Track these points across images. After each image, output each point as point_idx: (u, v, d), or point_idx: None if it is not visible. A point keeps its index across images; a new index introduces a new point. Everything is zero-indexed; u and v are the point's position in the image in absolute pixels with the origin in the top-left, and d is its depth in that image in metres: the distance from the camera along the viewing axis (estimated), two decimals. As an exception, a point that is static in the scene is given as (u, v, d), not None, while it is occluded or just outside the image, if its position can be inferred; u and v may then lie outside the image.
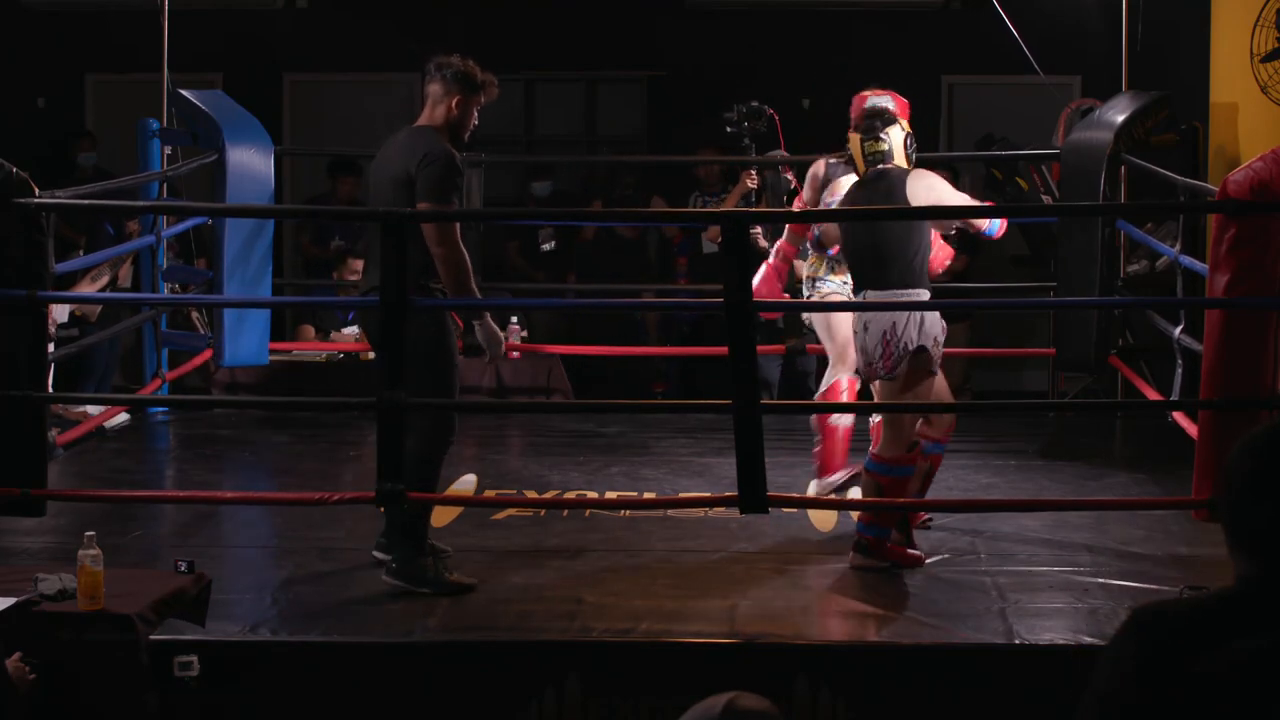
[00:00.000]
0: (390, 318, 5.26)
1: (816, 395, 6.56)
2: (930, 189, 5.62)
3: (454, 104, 5.28)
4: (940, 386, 5.63)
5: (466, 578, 5.16)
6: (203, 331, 8.18)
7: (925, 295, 5.50)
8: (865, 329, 5.49)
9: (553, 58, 10.89)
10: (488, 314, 5.36)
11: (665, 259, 10.09)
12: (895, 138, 5.70)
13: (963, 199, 5.95)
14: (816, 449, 6.45)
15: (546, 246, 9.68)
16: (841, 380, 6.37)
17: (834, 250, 6.28)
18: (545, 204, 9.79)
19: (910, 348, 5.41)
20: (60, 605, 4.21)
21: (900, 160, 5.67)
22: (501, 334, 5.43)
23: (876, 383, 5.56)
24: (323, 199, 10.03)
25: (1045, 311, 9.27)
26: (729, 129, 7.57)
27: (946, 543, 5.71)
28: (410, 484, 5.14)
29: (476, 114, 5.36)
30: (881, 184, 5.63)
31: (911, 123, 5.89)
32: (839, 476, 6.41)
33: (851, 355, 6.04)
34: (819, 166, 6.53)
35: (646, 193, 9.90)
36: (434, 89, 5.32)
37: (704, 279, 8.78)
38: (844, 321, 6.18)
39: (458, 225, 5.24)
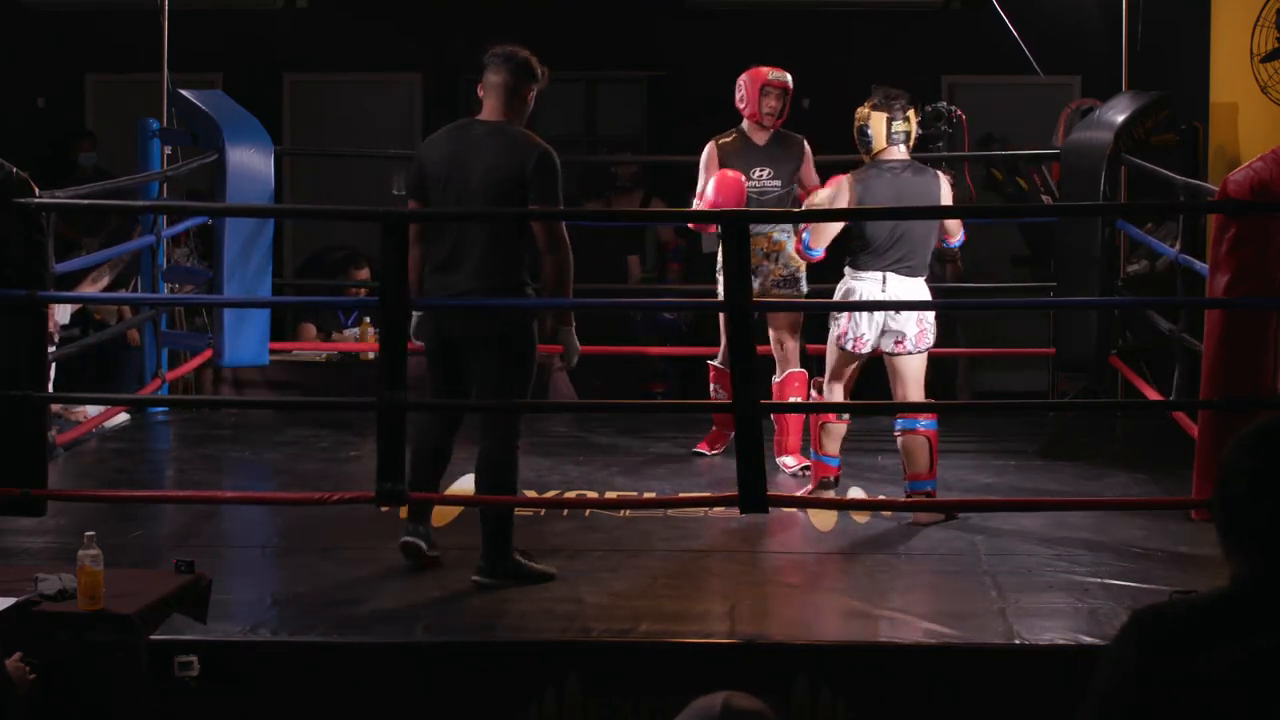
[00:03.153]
0: (391, 317, 5.26)
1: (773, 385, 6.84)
2: (949, 186, 6.14)
3: (530, 95, 5.28)
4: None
5: (548, 567, 5.23)
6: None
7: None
8: (890, 313, 5.97)
9: (553, 58, 10.85)
10: (573, 324, 5.33)
11: (661, 261, 10.11)
12: (912, 119, 6.13)
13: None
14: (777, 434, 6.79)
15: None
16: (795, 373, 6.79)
17: (821, 254, 6.32)
18: None
19: (935, 328, 6.05)
20: (60, 605, 4.21)
21: (910, 146, 6.12)
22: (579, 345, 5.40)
23: (897, 359, 6.03)
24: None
25: (1045, 311, 9.27)
26: (919, 131, 7.65)
27: (946, 543, 5.71)
28: (500, 487, 5.22)
29: None
30: (922, 174, 6.09)
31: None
32: (796, 462, 6.74)
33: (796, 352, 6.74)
34: (844, 184, 6.50)
35: (644, 191, 9.87)
36: (503, 79, 5.22)
37: (702, 280, 8.79)
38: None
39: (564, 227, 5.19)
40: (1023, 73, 8.47)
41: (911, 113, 6.14)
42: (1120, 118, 7.65)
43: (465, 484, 6.56)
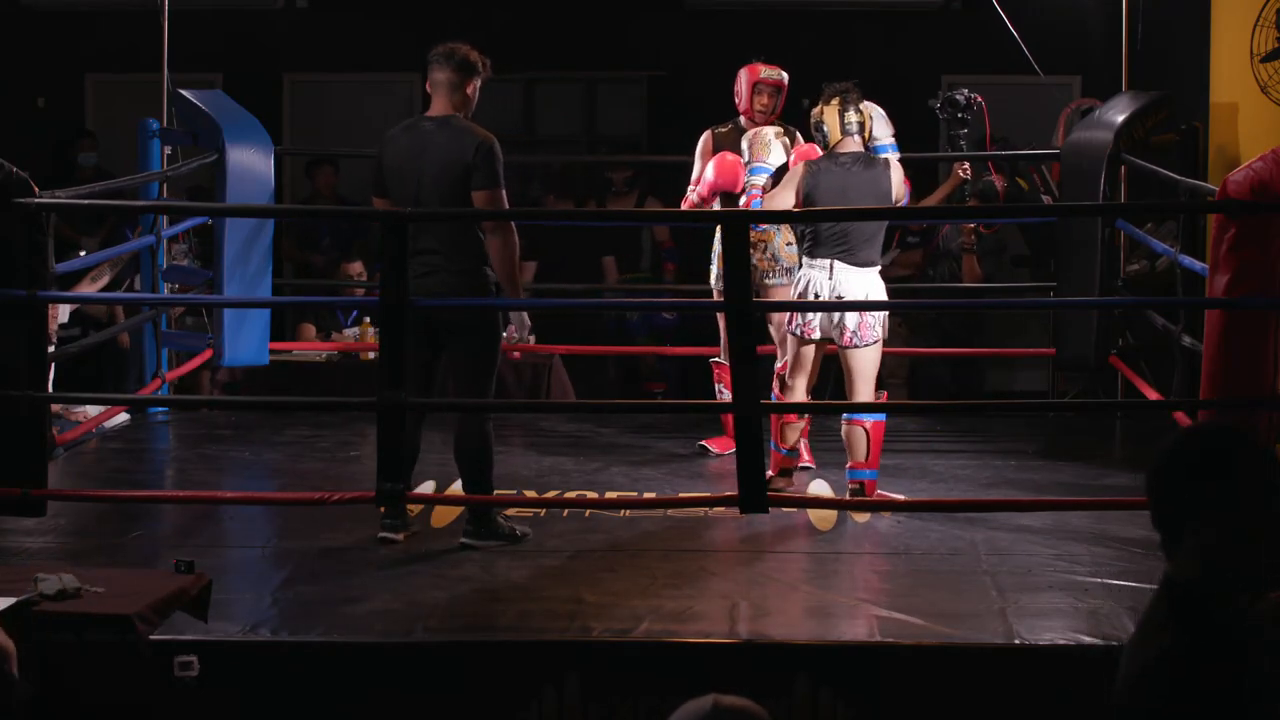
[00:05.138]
0: (390, 317, 5.28)
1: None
2: (898, 173, 6.30)
3: (471, 89, 5.62)
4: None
5: (524, 528, 5.68)
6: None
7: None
8: (838, 300, 6.11)
9: (553, 58, 10.89)
10: (521, 294, 5.74)
11: (656, 260, 10.12)
12: (868, 111, 6.29)
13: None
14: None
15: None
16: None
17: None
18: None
19: (885, 321, 6.18)
20: (60, 605, 4.21)
21: (866, 136, 6.30)
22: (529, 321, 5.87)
23: (845, 352, 6.15)
24: (304, 199, 10.11)
25: (1045, 311, 9.27)
26: (942, 117, 7.73)
27: (946, 543, 5.71)
28: (477, 456, 5.61)
29: None
30: (871, 167, 6.22)
31: (903, 121, 6.25)
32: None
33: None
34: (798, 169, 6.59)
35: (639, 191, 9.86)
36: (444, 76, 5.60)
37: (698, 280, 8.81)
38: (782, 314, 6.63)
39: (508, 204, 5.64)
40: (1023, 73, 8.46)
41: (865, 105, 6.29)
42: (1120, 118, 7.65)
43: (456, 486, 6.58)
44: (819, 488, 6.56)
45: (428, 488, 6.36)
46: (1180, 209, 7.61)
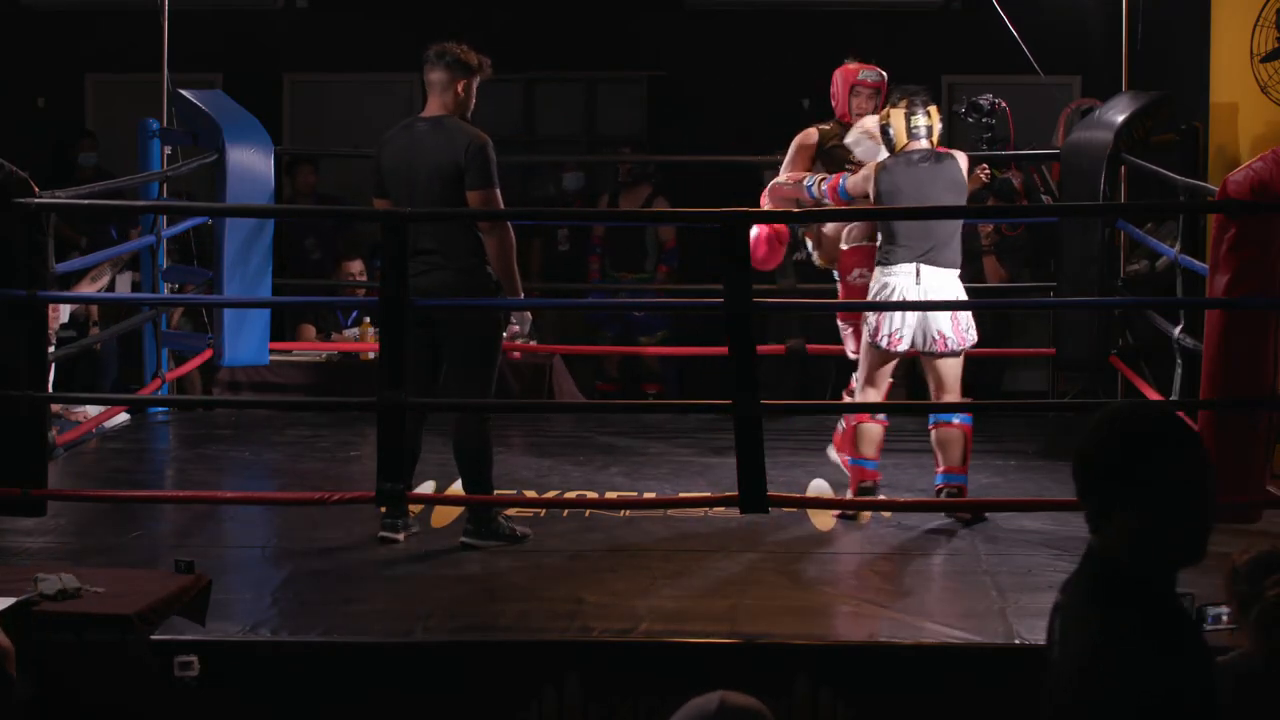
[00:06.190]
0: (390, 317, 5.28)
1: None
2: (964, 163, 6.10)
3: (461, 88, 5.64)
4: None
5: (525, 529, 5.69)
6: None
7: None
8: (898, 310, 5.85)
9: (553, 58, 10.89)
10: (521, 293, 5.74)
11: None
12: (936, 115, 6.07)
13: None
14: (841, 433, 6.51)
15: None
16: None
17: (845, 200, 6.24)
18: (576, 196, 9.96)
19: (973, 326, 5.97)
20: (60, 605, 4.21)
21: (934, 140, 6.06)
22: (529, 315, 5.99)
23: (938, 360, 5.93)
24: (285, 199, 10.13)
25: (1045, 311, 9.26)
26: (968, 121, 7.70)
27: (947, 543, 5.72)
28: (477, 457, 5.63)
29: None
30: (945, 166, 5.99)
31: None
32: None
33: None
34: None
35: (651, 186, 9.84)
36: (437, 76, 5.65)
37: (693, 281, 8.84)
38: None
39: (502, 203, 5.64)
40: (1023, 73, 8.46)
41: (934, 109, 6.07)
42: (1120, 118, 7.64)
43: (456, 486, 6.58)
44: (819, 487, 6.55)
45: (428, 488, 6.36)
46: (1180, 209, 7.60)
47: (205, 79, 9.67)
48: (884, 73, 6.73)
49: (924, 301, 5.95)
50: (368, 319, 8.67)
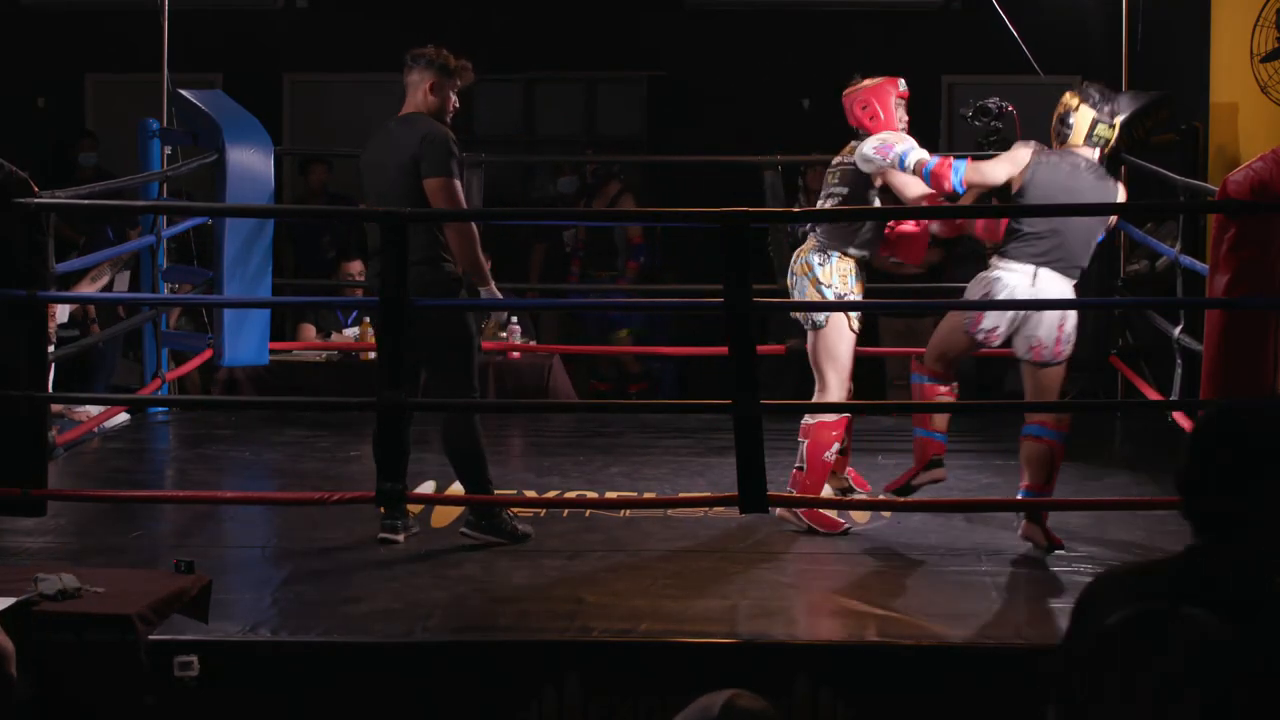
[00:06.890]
0: (390, 316, 5.28)
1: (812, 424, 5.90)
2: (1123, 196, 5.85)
3: (429, 87, 5.73)
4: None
5: (526, 527, 5.69)
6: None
7: None
8: (1030, 314, 5.56)
9: (553, 58, 10.90)
10: (491, 281, 5.69)
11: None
12: (1114, 133, 5.87)
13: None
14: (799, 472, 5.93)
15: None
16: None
17: (962, 191, 5.96)
18: (570, 200, 9.94)
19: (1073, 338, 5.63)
20: (60, 605, 4.21)
21: (1102, 156, 5.84)
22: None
23: (1036, 367, 5.66)
24: (299, 197, 10.16)
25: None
26: (976, 123, 7.65)
27: (947, 543, 5.71)
28: (467, 451, 5.60)
29: (455, 97, 5.80)
30: (1104, 179, 5.79)
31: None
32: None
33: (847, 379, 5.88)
34: (1025, 153, 5.94)
35: (620, 182, 9.83)
36: (411, 78, 5.81)
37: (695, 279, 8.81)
38: (848, 343, 5.89)
39: (462, 194, 5.63)
40: (1023, 73, 8.46)
41: (1117, 121, 5.79)
42: (1120, 118, 7.64)
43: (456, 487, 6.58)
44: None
45: (428, 488, 6.36)
46: (1180, 209, 7.61)
47: (205, 79, 9.68)
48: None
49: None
50: (367, 319, 8.67)
